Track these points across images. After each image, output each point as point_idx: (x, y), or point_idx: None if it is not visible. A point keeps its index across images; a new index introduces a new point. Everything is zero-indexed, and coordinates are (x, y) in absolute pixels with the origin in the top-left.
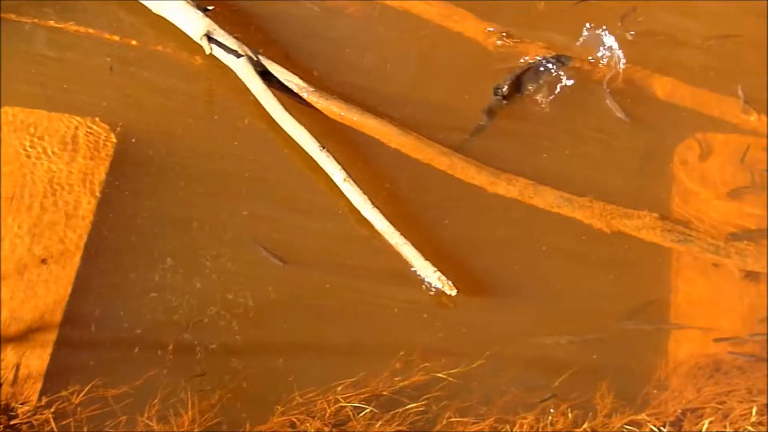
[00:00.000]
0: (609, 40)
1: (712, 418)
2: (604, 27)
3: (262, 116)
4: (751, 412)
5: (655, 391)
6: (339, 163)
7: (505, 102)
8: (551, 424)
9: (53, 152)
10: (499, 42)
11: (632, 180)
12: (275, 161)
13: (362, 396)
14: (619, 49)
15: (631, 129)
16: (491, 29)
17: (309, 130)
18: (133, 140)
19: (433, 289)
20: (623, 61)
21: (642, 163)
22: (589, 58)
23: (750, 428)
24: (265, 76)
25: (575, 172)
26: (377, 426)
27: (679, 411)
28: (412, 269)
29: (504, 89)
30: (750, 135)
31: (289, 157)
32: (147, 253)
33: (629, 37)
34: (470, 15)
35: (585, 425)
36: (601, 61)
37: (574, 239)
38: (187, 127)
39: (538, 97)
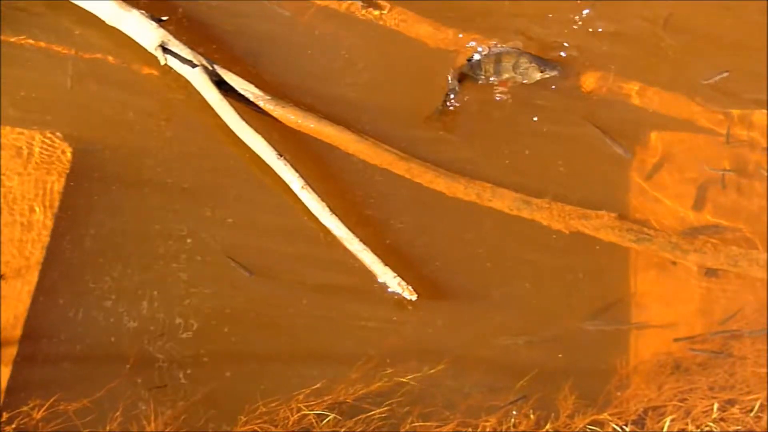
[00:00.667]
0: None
1: (674, 416)
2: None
3: (219, 126)
4: (713, 409)
5: (617, 391)
6: (297, 170)
7: (477, 74)
8: (514, 426)
9: (8, 167)
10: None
11: (591, 180)
12: (234, 171)
13: (325, 403)
14: (577, 50)
15: (590, 130)
16: (461, 35)
17: (266, 139)
18: (90, 153)
19: (394, 295)
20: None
21: (600, 164)
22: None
23: (712, 425)
24: (221, 85)
25: (534, 173)
26: None
27: (641, 409)
28: (372, 275)
29: (476, 58)
30: (708, 134)
31: (248, 166)
32: (106, 267)
33: (588, 36)
34: (426, 19)
35: (547, 426)
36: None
37: (533, 241)
38: (145, 139)
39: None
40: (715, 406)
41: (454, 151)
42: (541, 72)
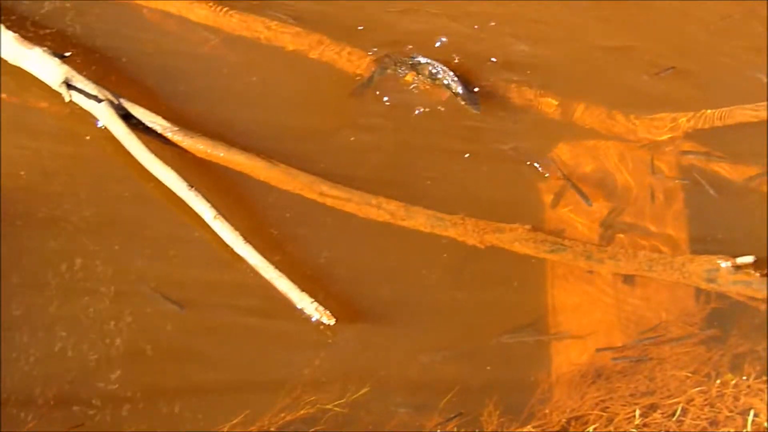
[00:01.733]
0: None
1: (596, 425)
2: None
3: (128, 161)
4: (635, 415)
5: (540, 403)
6: (208, 201)
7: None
8: None
9: None
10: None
11: (503, 194)
12: (150, 204)
13: None
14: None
15: (499, 142)
16: (371, 52)
17: (177, 170)
18: (10, 193)
19: (313, 320)
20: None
21: (511, 176)
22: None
23: (634, 431)
24: (129, 119)
25: (446, 189)
26: None
27: (564, 420)
28: (290, 302)
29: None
30: (617, 140)
31: (162, 199)
32: (31, 306)
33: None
34: (329, 40)
35: None
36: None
37: (449, 257)
38: (54, 177)
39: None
40: (637, 412)
41: (367, 170)
42: (463, 101)
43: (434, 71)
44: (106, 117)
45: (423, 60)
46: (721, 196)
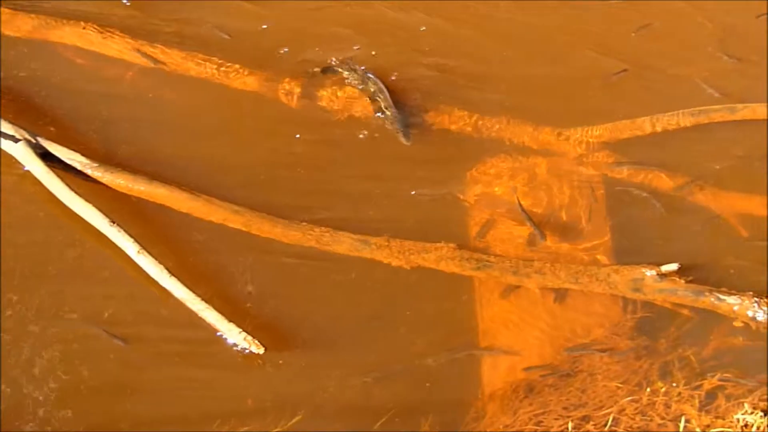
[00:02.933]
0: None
1: None
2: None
3: (49, 199)
4: (568, 428)
5: (474, 422)
6: (131, 236)
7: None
8: None
9: None
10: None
11: (427, 214)
12: (71, 242)
13: None
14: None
15: (420, 162)
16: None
17: (98, 207)
18: None
19: (242, 350)
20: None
21: (434, 195)
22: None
23: None
24: (47, 157)
25: (370, 212)
26: None
27: None
28: (218, 333)
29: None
30: (543, 155)
31: (83, 236)
32: None
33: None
34: (248, 69)
35: None
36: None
37: (375, 280)
38: None
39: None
40: (570, 425)
41: (294, 197)
42: (396, 131)
43: (374, 91)
44: (24, 156)
45: (371, 76)
46: (648, 206)
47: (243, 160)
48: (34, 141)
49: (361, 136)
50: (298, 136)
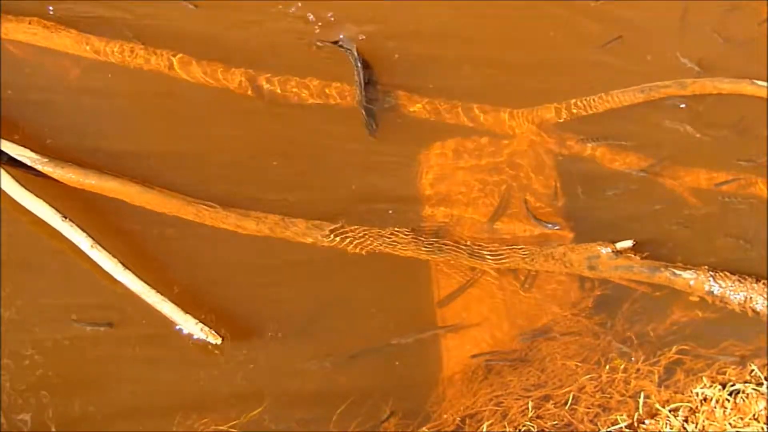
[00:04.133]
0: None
1: (491, 421)
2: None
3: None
4: (528, 408)
5: (434, 404)
6: (84, 230)
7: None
8: None
9: None
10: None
11: (383, 196)
12: (23, 238)
13: None
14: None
15: (375, 144)
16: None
17: (51, 203)
18: None
19: (199, 341)
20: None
21: (387, 177)
22: None
23: (529, 424)
24: None
25: (325, 197)
26: None
27: (458, 419)
28: (175, 325)
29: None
30: (489, 135)
31: (35, 231)
32: None
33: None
34: (192, 59)
35: None
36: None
37: (332, 266)
38: None
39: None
40: (530, 404)
41: (243, 186)
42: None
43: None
44: None
45: (356, 55)
46: (603, 184)
47: (194, 153)
48: None
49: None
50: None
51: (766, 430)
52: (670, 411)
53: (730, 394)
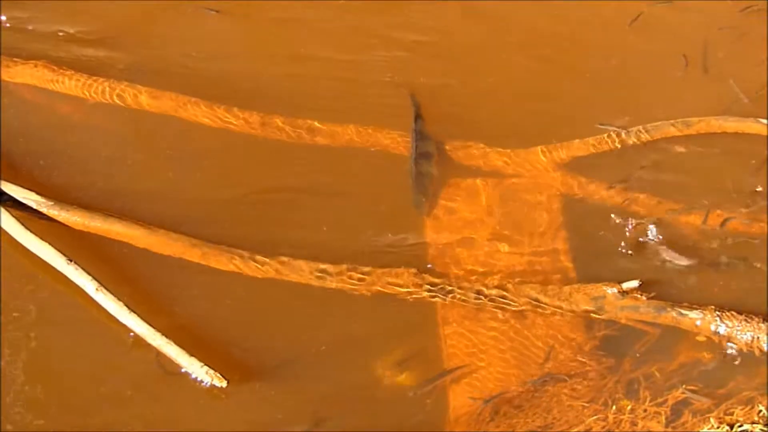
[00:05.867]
0: None
1: None
2: None
3: (5, 240)
4: None
5: None
6: (89, 273)
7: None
8: None
9: None
10: None
11: (385, 238)
12: (29, 281)
13: None
14: None
15: (374, 184)
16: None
17: (55, 245)
18: None
19: (204, 384)
20: None
21: (391, 220)
22: None
23: None
24: (1, 197)
25: (329, 239)
26: None
27: None
28: (180, 368)
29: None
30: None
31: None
32: None
33: None
34: (203, 102)
35: None
36: None
37: (338, 308)
38: None
39: None
40: None
41: (247, 228)
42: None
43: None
44: None
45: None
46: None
47: (201, 195)
48: None
49: None
50: None
51: None
52: None
53: None
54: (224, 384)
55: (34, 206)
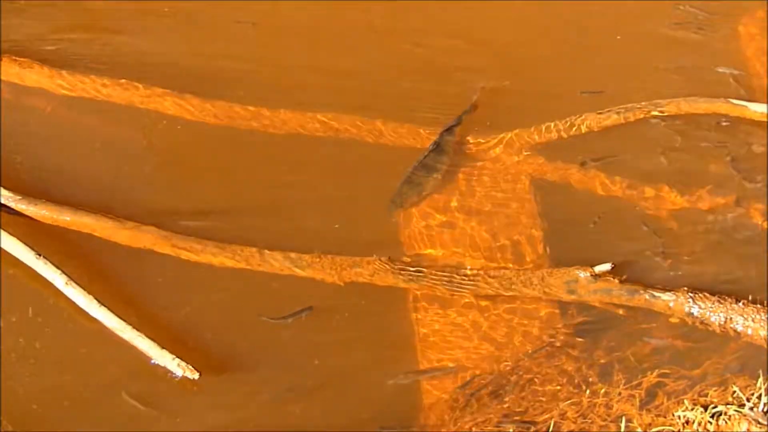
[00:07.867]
0: None
1: None
2: None
3: None
4: None
5: None
6: (58, 267)
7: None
8: None
9: None
10: None
11: (358, 227)
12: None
13: None
14: None
15: (347, 175)
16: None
17: (25, 240)
18: None
19: (176, 377)
20: None
21: (364, 209)
22: None
23: None
24: None
25: (301, 229)
26: None
27: None
28: (151, 361)
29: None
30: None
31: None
32: None
33: None
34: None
35: None
36: None
37: (310, 297)
38: None
39: None
40: (511, 430)
41: (219, 219)
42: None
43: None
44: None
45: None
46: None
47: (171, 187)
48: None
49: None
50: None
51: None
52: None
53: (712, 416)
54: (196, 376)
55: (2, 201)
